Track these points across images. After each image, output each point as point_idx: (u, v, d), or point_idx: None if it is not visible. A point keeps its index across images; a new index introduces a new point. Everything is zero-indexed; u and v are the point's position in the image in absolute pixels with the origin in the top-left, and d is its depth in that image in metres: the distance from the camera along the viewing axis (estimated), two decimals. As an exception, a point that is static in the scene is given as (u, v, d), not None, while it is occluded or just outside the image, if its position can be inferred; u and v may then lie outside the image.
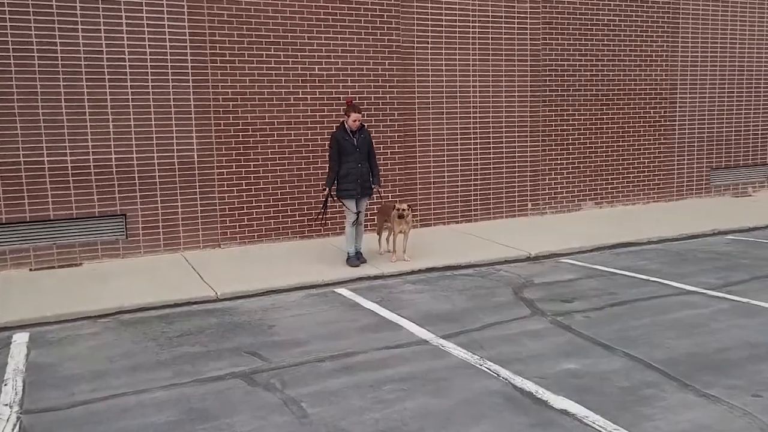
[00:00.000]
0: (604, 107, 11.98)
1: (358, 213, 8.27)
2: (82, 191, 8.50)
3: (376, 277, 8.02)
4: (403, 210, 8.31)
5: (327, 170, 8.30)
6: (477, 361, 5.32)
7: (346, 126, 8.13)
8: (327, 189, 8.20)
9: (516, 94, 11.16)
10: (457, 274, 8.18)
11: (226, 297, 7.24)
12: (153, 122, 8.81)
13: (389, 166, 10.28)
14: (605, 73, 11.88)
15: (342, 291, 7.52)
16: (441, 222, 10.81)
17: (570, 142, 11.75)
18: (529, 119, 11.33)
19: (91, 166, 8.53)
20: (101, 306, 6.77)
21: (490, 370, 5.15)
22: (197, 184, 9.13)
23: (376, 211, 9.17)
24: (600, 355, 5.40)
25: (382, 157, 10.16)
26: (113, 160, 8.64)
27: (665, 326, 6.04)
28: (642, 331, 5.92)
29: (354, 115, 8.07)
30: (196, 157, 9.10)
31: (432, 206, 10.72)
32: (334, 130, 8.28)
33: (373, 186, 8.39)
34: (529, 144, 11.40)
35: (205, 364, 5.39)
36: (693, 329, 5.94)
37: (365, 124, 8.36)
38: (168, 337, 6.09)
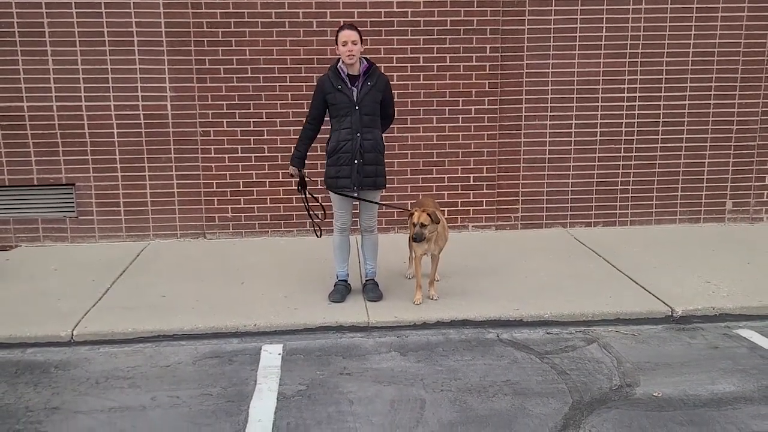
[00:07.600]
0: None
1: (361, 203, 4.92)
2: (13, 151, 6.28)
3: (353, 328, 4.64)
4: (426, 222, 4.67)
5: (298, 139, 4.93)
6: None
7: (340, 67, 4.69)
8: (297, 169, 4.91)
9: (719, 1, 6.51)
10: (504, 340, 4.45)
11: (84, 340, 4.50)
12: (108, 57, 6.20)
13: (472, 132, 6.52)
14: None
15: (268, 353, 4.32)
16: (559, 223, 6.78)
17: (822, 98, 6.74)
18: (741, 53, 6.59)
19: (26, 117, 6.24)
20: None
21: None
22: (172, 147, 6.40)
23: (409, 209, 5.55)
24: None
25: (461, 117, 6.46)
26: (54, 109, 6.25)
27: None
28: None
29: (346, 33, 4.52)
30: (169, 108, 6.33)
31: (545, 198, 6.73)
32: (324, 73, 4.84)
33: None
34: (737, 98, 6.69)
35: None
36: None
37: (376, 65, 4.79)
38: None
